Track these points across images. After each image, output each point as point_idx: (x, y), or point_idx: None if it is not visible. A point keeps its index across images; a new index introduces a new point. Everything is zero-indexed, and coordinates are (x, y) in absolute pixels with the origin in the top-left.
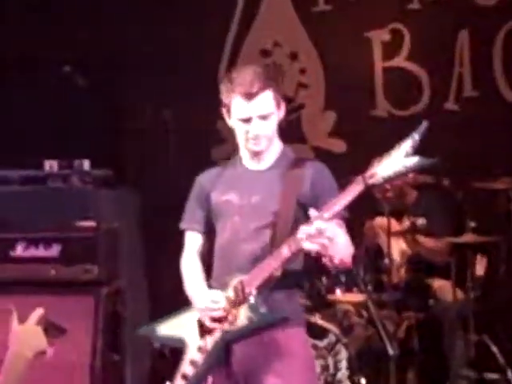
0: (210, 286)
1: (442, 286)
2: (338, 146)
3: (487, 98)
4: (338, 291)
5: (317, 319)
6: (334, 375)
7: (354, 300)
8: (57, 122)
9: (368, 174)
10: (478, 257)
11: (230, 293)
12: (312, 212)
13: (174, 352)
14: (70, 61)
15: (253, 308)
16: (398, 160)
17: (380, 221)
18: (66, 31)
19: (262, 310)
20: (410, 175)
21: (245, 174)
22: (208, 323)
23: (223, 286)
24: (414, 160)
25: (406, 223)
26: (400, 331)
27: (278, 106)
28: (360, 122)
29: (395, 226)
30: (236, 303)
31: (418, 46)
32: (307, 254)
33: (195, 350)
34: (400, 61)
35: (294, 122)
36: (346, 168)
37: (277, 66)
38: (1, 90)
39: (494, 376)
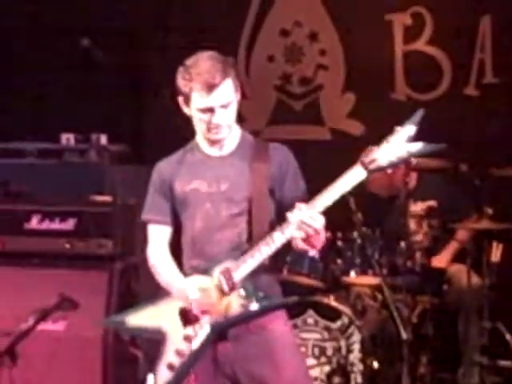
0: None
1: (457, 270)
2: (356, 128)
3: (507, 85)
4: (353, 273)
5: (330, 301)
6: (346, 357)
7: (368, 283)
8: (76, 95)
9: (367, 159)
10: (494, 244)
11: (217, 281)
12: (302, 206)
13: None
14: (90, 34)
15: (248, 295)
16: (400, 145)
17: None
18: (81, 4)
19: (258, 294)
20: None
21: (208, 161)
22: (196, 312)
23: (200, 274)
24: (418, 146)
25: (421, 206)
26: (414, 315)
27: (237, 91)
28: (379, 105)
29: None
30: (225, 291)
31: (440, 30)
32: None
33: (180, 340)
34: (421, 45)
35: (312, 104)
36: (363, 150)
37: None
38: (21, 63)
39: (507, 363)
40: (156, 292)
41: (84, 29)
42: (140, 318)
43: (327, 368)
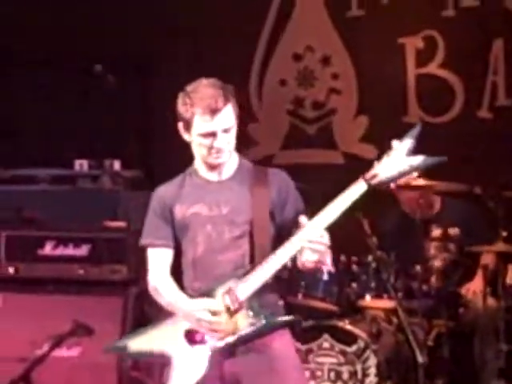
0: None
1: (472, 290)
2: (369, 151)
3: None
4: (368, 297)
5: (346, 325)
6: (362, 382)
7: (383, 306)
8: (88, 122)
9: (369, 175)
10: (510, 266)
11: (221, 301)
12: (303, 219)
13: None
14: (100, 61)
15: (255, 314)
16: (401, 159)
17: None
18: (95, 32)
19: (267, 312)
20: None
21: (207, 185)
22: (206, 332)
23: (203, 297)
24: (420, 159)
25: (437, 231)
26: (430, 339)
27: (237, 117)
28: (392, 128)
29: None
30: (232, 311)
31: (452, 53)
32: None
33: (187, 360)
34: (433, 68)
35: (325, 128)
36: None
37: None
38: (32, 90)
39: None
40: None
41: (96, 55)
42: (142, 342)
43: None
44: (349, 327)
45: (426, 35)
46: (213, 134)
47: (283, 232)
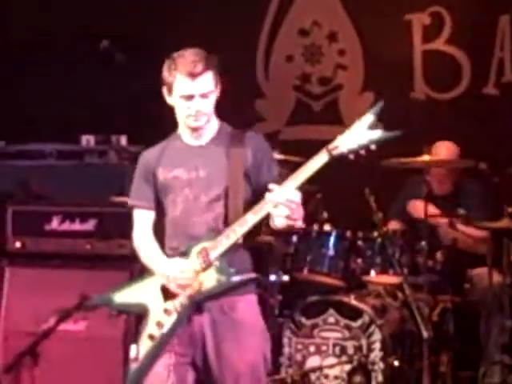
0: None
1: (479, 272)
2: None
3: None
4: (373, 273)
5: (351, 300)
6: (367, 356)
7: (389, 282)
8: (96, 97)
9: (331, 146)
10: None
11: (194, 260)
12: (274, 187)
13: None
14: (109, 36)
15: (221, 270)
16: (362, 133)
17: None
18: (105, 8)
19: (231, 270)
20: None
21: (187, 149)
22: (174, 289)
23: (180, 255)
24: (378, 133)
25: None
26: (434, 314)
27: (217, 86)
28: (398, 104)
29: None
30: (201, 269)
31: (459, 29)
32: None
33: (161, 313)
34: (440, 44)
35: (332, 103)
36: (382, 149)
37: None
38: (40, 66)
39: None
40: None
41: (103, 32)
42: (126, 295)
43: (348, 367)
44: (354, 302)
45: (433, 11)
46: (191, 97)
47: (258, 194)
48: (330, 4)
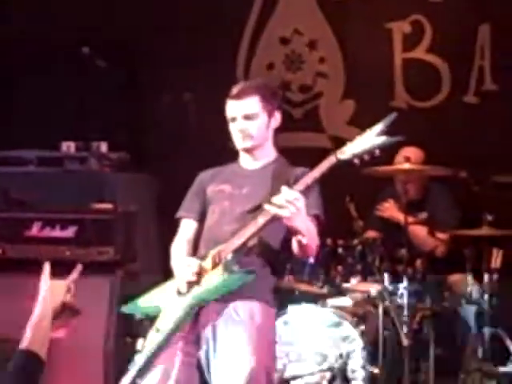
0: None
1: (457, 278)
2: (356, 134)
3: (507, 91)
4: (354, 280)
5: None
6: (347, 364)
7: (369, 289)
8: (76, 104)
9: (339, 151)
10: (495, 250)
11: (208, 260)
12: (283, 187)
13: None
14: (88, 43)
15: (226, 268)
16: (368, 139)
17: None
18: (83, 13)
19: (234, 268)
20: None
21: (240, 171)
22: (183, 287)
23: (200, 259)
24: (382, 139)
25: (423, 216)
26: (414, 322)
27: (267, 113)
28: (379, 113)
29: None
30: (211, 268)
31: (439, 38)
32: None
33: (170, 309)
34: (420, 52)
35: (312, 111)
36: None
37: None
38: (20, 73)
39: (507, 369)
40: None
41: (82, 39)
42: (147, 300)
43: (328, 374)
44: (334, 310)
45: (413, 20)
46: (235, 119)
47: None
48: (311, 12)
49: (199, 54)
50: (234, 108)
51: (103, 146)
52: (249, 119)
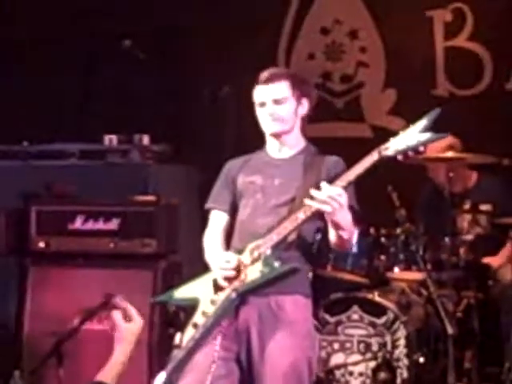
0: None
1: (501, 266)
2: (397, 124)
3: None
4: (397, 269)
5: (375, 296)
6: (392, 353)
7: (412, 278)
8: (116, 97)
9: (383, 147)
10: None
11: (246, 255)
12: (323, 183)
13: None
14: (130, 35)
15: (266, 262)
16: (413, 135)
17: None
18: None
19: (275, 263)
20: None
21: (269, 161)
22: (221, 281)
23: (237, 252)
24: (427, 135)
25: (469, 205)
26: (459, 310)
27: (297, 98)
28: (420, 101)
29: None
30: (250, 263)
31: (480, 25)
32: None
33: (208, 304)
34: (461, 41)
35: (353, 101)
36: None
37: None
38: (60, 65)
39: None
40: None
41: (124, 31)
42: (183, 291)
43: (373, 363)
44: (378, 299)
45: (454, 8)
46: (264, 104)
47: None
48: (351, 2)
49: (240, 45)
50: (264, 92)
51: (145, 139)
52: (278, 103)
